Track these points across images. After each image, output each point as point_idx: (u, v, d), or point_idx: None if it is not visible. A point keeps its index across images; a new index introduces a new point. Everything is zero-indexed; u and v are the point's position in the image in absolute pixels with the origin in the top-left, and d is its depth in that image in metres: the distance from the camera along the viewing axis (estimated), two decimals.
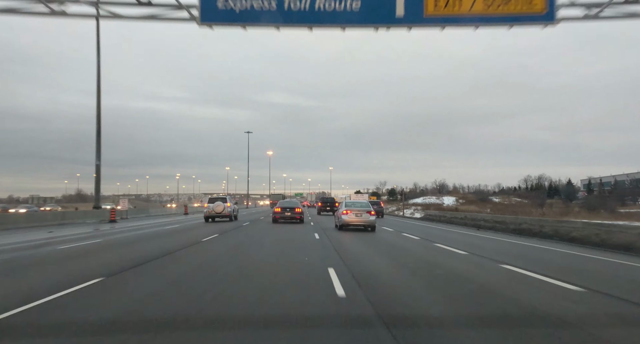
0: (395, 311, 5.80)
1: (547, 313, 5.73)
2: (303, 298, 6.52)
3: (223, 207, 29.00)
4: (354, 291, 6.94)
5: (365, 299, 6.40)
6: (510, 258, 11.59)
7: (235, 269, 9.37)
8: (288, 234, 19.11)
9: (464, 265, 10.58)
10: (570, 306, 6.23)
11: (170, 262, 10.41)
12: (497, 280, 8.50)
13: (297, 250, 13.14)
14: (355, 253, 12.55)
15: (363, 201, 23.70)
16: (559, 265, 11.14)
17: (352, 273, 8.75)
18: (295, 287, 7.43)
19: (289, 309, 5.91)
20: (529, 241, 17.41)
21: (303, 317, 5.50)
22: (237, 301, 6.36)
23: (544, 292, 7.21)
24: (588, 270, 10.42)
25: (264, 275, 8.61)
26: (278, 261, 10.79)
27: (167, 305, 6.14)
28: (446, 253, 13.02)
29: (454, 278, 8.58)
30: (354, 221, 20.56)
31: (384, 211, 44.36)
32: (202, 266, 9.81)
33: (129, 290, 7.13)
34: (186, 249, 13.23)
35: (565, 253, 13.58)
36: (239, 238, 17.60)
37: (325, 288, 7.11)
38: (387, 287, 7.56)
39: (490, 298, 6.81)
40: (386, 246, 15.03)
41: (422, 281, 8.32)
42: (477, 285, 7.85)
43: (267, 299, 6.44)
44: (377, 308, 5.80)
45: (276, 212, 27.58)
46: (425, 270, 9.80)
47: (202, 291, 6.86)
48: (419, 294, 7.14)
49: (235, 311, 5.77)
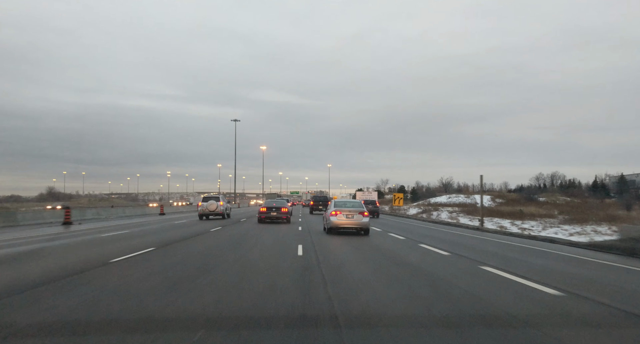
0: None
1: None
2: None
3: (216, 206, 31.24)
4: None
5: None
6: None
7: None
8: (262, 247, 13.71)
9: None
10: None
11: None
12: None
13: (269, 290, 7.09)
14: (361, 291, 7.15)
15: (355, 201, 20.98)
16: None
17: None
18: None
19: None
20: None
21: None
22: None
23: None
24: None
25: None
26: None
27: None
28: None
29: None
30: (345, 223, 18.04)
31: (379, 211, 42.29)
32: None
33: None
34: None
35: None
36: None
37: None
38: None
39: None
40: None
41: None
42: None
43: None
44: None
45: (262, 212, 27.03)
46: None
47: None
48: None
49: None
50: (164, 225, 24.80)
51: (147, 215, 43.66)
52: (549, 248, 15.58)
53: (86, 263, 9.73)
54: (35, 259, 10.94)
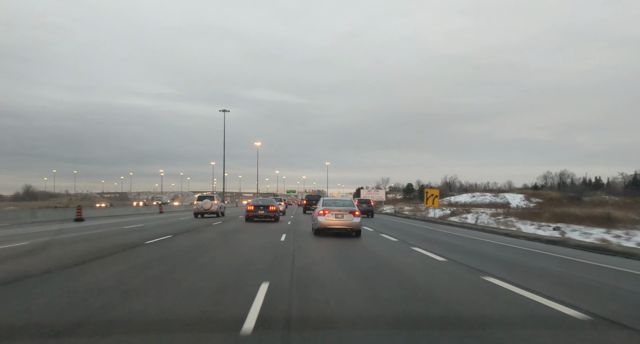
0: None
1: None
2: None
3: (210, 205, 32.31)
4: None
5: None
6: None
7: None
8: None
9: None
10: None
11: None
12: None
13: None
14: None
15: (346, 200, 19.30)
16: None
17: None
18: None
19: None
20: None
21: None
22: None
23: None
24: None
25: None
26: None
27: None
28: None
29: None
30: (334, 223, 16.37)
31: (373, 210, 40.83)
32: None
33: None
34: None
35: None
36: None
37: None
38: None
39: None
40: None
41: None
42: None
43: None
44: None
45: (249, 210, 27.15)
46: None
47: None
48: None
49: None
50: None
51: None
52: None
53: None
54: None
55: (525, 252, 13.35)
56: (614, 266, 10.59)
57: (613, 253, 13.44)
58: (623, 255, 13.10)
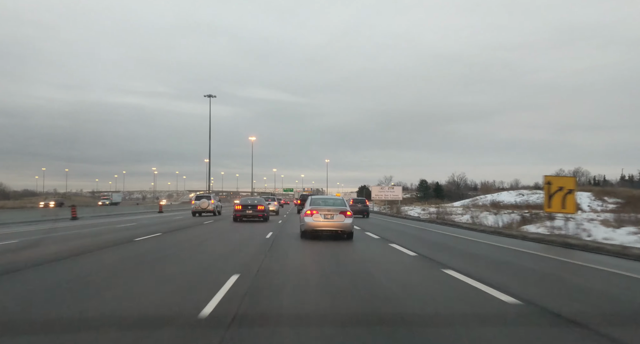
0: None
1: None
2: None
3: (207, 204, 34.09)
4: None
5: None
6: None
7: None
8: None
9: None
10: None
11: None
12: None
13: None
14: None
15: (336, 198, 17.35)
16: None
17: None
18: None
19: None
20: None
21: None
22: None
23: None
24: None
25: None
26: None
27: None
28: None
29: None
30: (322, 225, 14.86)
31: (368, 210, 38.71)
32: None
33: None
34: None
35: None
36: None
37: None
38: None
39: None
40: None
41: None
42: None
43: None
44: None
45: (237, 210, 26.54)
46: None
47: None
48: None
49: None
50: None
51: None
52: None
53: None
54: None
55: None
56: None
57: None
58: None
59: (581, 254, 12.00)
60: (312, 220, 14.89)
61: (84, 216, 32.34)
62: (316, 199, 16.39)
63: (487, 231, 20.24)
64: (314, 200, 16.06)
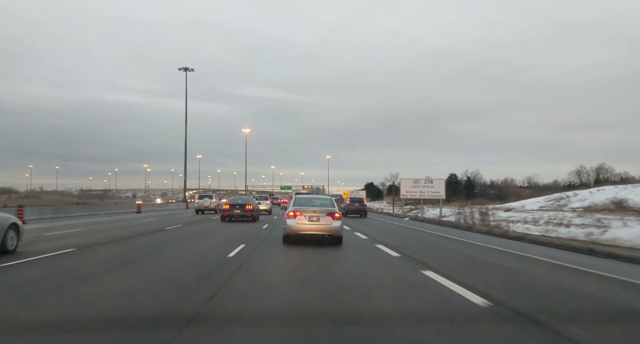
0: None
1: None
2: None
3: (209, 202, 38.00)
4: None
5: None
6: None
7: None
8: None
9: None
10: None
11: None
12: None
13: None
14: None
15: (324, 197, 15.59)
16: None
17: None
18: None
19: None
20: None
21: None
22: None
23: None
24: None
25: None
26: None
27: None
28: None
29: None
30: (307, 228, 13.11)
31: (366, 209, 36.74)
32: None
33: None
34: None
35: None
36: None
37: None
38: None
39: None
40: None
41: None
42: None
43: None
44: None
45: (224, 209, 25.57)
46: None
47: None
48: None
49: None
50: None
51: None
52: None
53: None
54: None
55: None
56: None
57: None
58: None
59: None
60: (295, 223, 13.14)
61: (34, 219, 25.84)
62: (301, 199, 14.66)
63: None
64: (299, 200, 14.36)
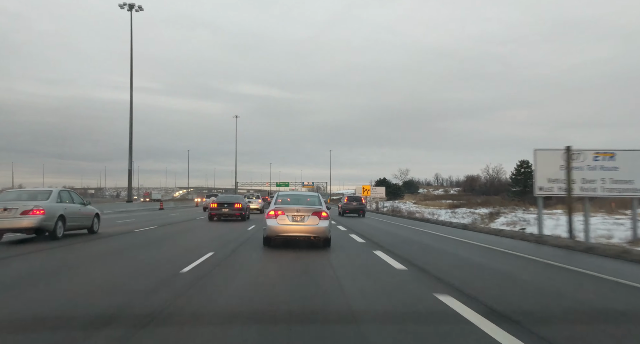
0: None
1: None
2: None
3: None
4: None
5: None
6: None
7: None
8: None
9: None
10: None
11: None
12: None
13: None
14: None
15: (311, 194, 14.47)
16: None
17: None
18: None
19: None
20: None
21: None
22: None
23: None
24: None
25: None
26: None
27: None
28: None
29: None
30: (290, 229, 11.67)
31: (364, 208, 36.50)
32: None
33: None
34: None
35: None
36: None
37: None
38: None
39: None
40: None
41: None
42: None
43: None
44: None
45: (212, 208, 24.88)
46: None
47: None
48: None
49: None
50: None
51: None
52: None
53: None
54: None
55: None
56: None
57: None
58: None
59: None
60: (276, 224, 11.65)
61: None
62: (284, 195, 13.36)
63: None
64: (282, 198, 12.93)
